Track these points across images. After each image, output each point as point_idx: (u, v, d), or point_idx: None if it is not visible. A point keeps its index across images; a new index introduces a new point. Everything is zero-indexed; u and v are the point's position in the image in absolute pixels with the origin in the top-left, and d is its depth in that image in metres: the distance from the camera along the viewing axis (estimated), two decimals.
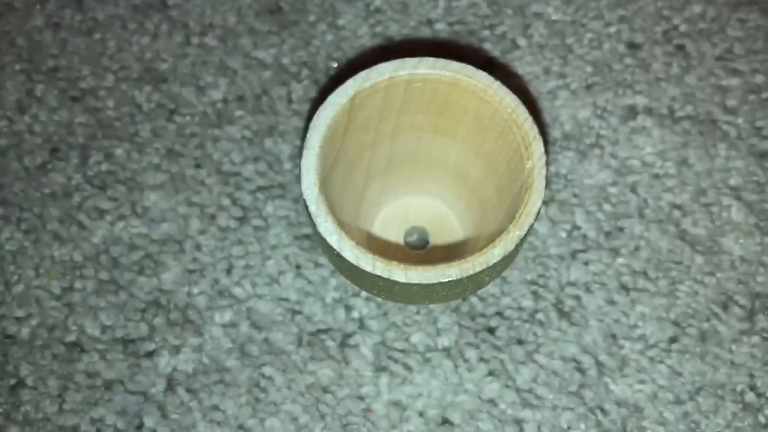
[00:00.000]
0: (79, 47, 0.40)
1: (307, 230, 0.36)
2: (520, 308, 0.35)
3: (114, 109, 0.39)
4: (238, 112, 0.39)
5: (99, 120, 0.38)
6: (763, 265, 0.36)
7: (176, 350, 0.34)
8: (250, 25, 0.41)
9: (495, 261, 0.27)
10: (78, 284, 0.35)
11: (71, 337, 0.34)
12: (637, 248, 0.37)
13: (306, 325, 0.35)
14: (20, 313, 0.35)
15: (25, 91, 0.39)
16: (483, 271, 0.27)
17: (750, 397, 0.34)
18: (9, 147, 0.38)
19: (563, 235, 0.37)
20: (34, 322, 0.34)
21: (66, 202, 0.37)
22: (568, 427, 0.33)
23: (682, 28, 0.42)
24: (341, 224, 0.28)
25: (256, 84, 0.40)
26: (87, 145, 0.38)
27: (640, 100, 0.40)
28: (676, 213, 0.37)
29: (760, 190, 0.38)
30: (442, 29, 0.41)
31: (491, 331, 0.35)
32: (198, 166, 0.38)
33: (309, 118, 0.38)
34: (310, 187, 0.28)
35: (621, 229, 0.37)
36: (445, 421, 0.33)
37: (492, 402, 0.34)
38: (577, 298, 0.36)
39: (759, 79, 0.40)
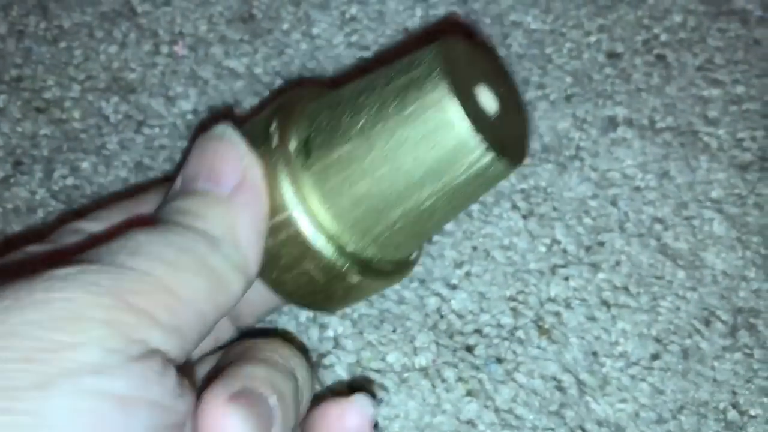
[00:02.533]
0: (44, 56, 0.39)
1: None
2: (499, 325, 0.34)
3: (80, 120, 0.37)
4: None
5: (64, 132, 0.37)
6: (745, 280, 0.36)
7: None
8: (221, 33, 0.40)
9: None
10: None
11: None
12: (617, 263, 0.36)
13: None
14: None
15: None
16: None
17: (733, 415, 0.33)
18: None
19: (543, 249, 0.36)
20: None
21: (30, 217, 0.35)
22: None
23: (663, 37, 0.41)
24: None
25: (227, 94, 0.38)
26: (52, 158, 0.37)
27: (621, 111, 0.39)
28: (658, 227, 0.37)
29: (742, 202, 0.37)
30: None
31: (469, 349, 0.34)
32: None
33: None
34: None
35: (601, 244, 0.36)
36: None
37: (471, 423, 0.33)
38: (558, 314, 0.35)
39: (740, 89, 0.40)
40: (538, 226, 0.36)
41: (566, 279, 0.35)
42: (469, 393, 0.33)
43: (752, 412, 0.33)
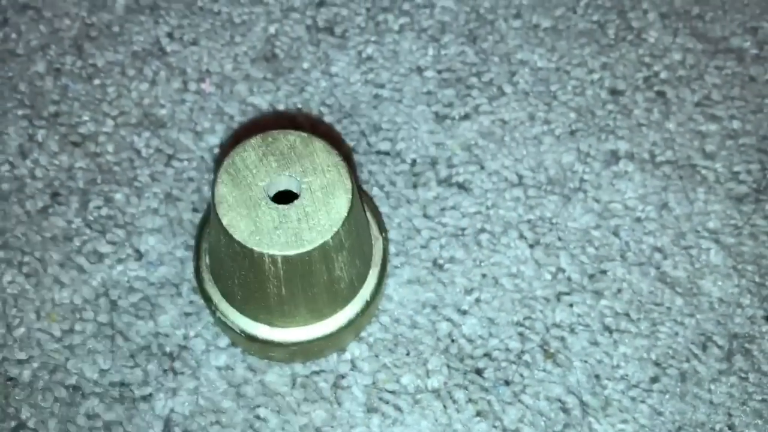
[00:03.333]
0: (79, 93, 0.41)
1: None
2: (507, 350, 0.37)
3: (113, 154, 0.40)
4: None
5: (99, 165, 0.40)
6: (740, 307, 0.38)
7: (173, 393, 0.35)
8: (246, 71, 0.42)
9: None
10: (78, 327, 0.36)
11: (71, 380, 0.35)
12: (619, 290, 0.38)
13: (299, 367, 0.36)
14: (22, 355, 0.36)
15: (27, 136, 0.40)
16: None
17: None
18: (11, 191, 0.39)
19: (548, 277, 0.38)
20: (35, 365, 0.35)
21: (66, 245, 0.38)
22: None
23: (663, 75, 0.43)
24: None
25: (252, 129, 0.41)
26: (87, 189, 0.39)
27: (622, 145, 0.41)
28: (657, 256, 0.39)
29: (738, 233, 0.39)
30: (431, 76, 0.43)
31: (479, 372, 0.36)
32: (195, 210, 0.39)
33: None
34: None
35: (604, 272, 0.38)
36: None
37: None
38: (562, 339, 0.37)
39: (736, 124, 0.42)
40: (543, 254, 0.39)
41: (570, 305, 0.38)
42: (478, 414, 0.35)
43: None
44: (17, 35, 0.43)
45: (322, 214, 0.29)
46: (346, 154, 0.39)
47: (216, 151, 0.40)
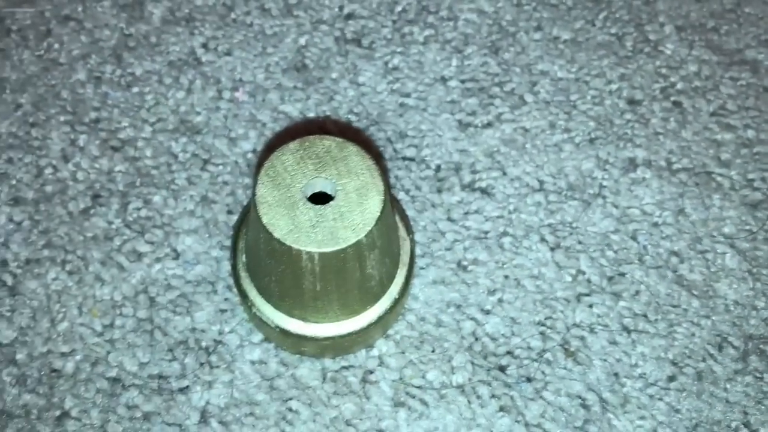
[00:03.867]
0: (119, 100, 0.43)
1: None
2: (529, 348, 0.38)
3: (152, 158, 0.42)
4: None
5: (138, 168, 0.41)
6: (755, 309, 0.39)
7: (209, 385, 0.37)
8: (277, 81, 0.44)
9: None
10: (118, 322, 0.38)
11: (112, 373, 0.37)
12: (637, 292, 0.39)
13: (329, 362, 0.37)
14: (65, 348, 0.37)
15: (69, 141, 0.42)
16: None
17: None
18: (54, 193, 0.41)
19: (569, 279, 0.40)
20: (78, 358, 0.37)
21: (107, 245, 0.40)
22: None
23: (679, 85, 0.45)
24: None
25: (283, 136, 0.43)
26: (126, 192, 0.41)
27: (640, 153, 0.43)
28: (674, 259, 0.40)
29: (753, 238, 0.41)
30: (455, 86, 0.44)
31: (502, 369, 0.37)
32: (230, 212, 0.41)
33: None
34: None
35: (622, 275, 0.40)
36: None
37: None
38: (582, 338, 0.38)
39: (750, 133, 0.43)
40: (564, 257, 0.40)
41: (590, 306, 0.39)
42: (501, 409, 0.37)
43: (762, 431, 0.36)
44: (60, 45, 0.45)
45: (356, 214, 0.31)
46: (376, 158, 0.41)
47: (249, 156, 0.42)
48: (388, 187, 0.33)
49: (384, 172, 0.41)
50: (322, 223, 0.31)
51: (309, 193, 0.32)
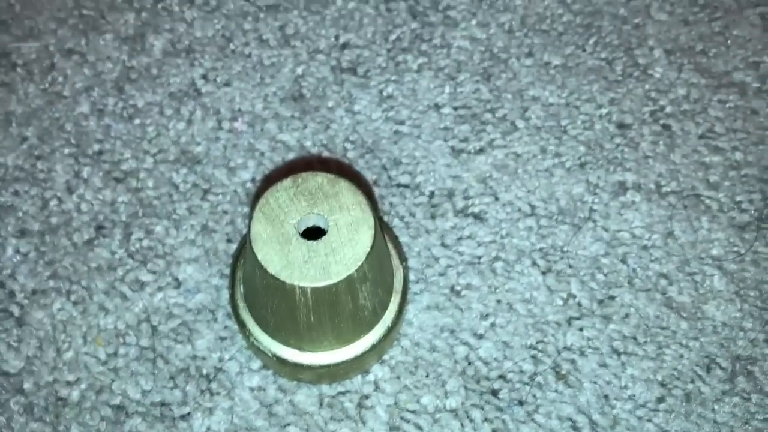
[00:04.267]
0: (121, 132, 0.45)
1: None
2: (521, 371, 0.39)
3: (153, 189, 0.43)
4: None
5: (140, 199, 0.43)
6: (742, 330, 0.40)
7: (209, 412, 0.38)
8: (275, 110, 0.45)
9: None
10: (122, 351, 0.39)
11: (116, 400, 0.38)
12: (627, 315, 0.40)
13: (326, 388, 0.38)
14: (71, 377, 0.39)
15: (73, 173, 0.43)
16: None
17: None
18: (59, 225, 0.42)
19: (560, 302, 0.41)
20: (83, 386, 0.38)
21: (110, 275, 0.41)
22: None
23: (668, 109, 0.46)
24: None
25: (281, 165, 0.44)
26: (129, 222, 0.42)
27: (630, 177, 0.44)
28: (663, 282, 0.41)
29: (740, 259, 0.42)
30: (448, 113, 0.45)
31: (494, 393, 0.38)
32: (229, 240, 0.42)
33: None
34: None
35: (612, 298, 0.41)
36: None
37: None
38: (573, 361, 0.39)
39: (738, 156, 0.44)
40: (555, 281, 0.41)
41: (581, 329, 0.40)
42: None
43: None
44: (63, 78, 0.46)
45: (348, 248, 0.32)
46: (367, 190, 0.42)
47: (248, 185, 0.43)
48: (378, 221, 0.34)
49: (375, 206, 0.42)
50: (315, 259, 0.32)
51: (302, 229, 0.33)
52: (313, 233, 0.33)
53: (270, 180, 0.43)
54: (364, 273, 0.32)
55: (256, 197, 0.42)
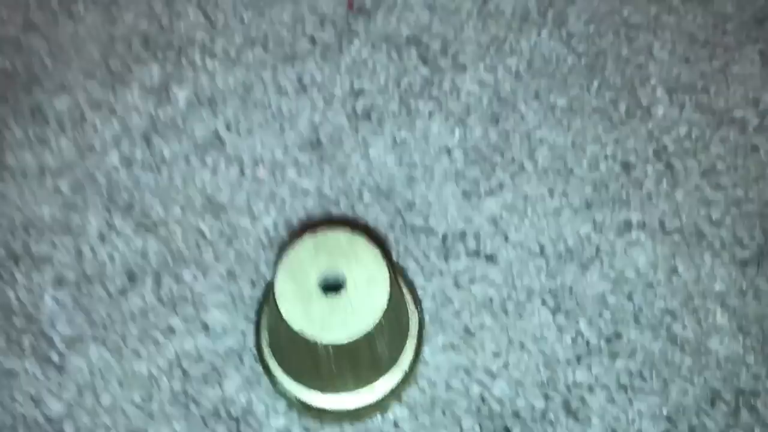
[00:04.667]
0: (150, 182, 0.47)
1: None
2: (533, 408, 0.41)
3: (181, 237, 0.45)
4: (287, 237, 0.45)
5: (169, 247, 0.45)
6: (745, 365, 0.42)
7: None
8: (294, 157, 0.48)
9: None
10: (155, 394, 0.42)
11: None
12: (633, 351, 0.42)
13: (349, 427, 0.41)
14: (108, 421, 0.41)
15: (105, 224, 0.46)
16: None
17: None
18: (93, 274, 0.45)
19: (569, 341, 0.43)
20: (121, 430, 0.41)
21: (143, 321, 0.43)
22: None
23: (671, 147, 0.47)
24: None
25: (301, 210, 0.46)
26: (159, 270, 0.45)
27: (635, 216, 0.46)
28: (667, 318, 0.43)
29: (742, 295, 0.43)
30: (458, 156, 0.47)
31: (508, 430, 0.41)
32: (254, 285, 0.44)
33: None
34: None
35: (619, 335, 0.43)
36: None
37: None
38: (582, 398, 0.41)
39: (739, 192, 0.46)
40: (564, 320, 0.43)
41: (589, 366, 0.42)
42: None
43: None
44: (94, 131, 0.49)
45: (366, 304, 0.34)
46: (381, 241, 0.44)
47: (270, 231, 0.45)
48: (393, 270, 0.36)
49: (390, 258, 0.44)
50: (335, 315, 0.34)
51: (322, 283, 0.35)
52: (333, 287, 0.35)
53: (291, 226, 0.45)
54: (382, 326, 0.34)
55: (279, 250, 0.45)
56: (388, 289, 0.35)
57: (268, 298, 0.40)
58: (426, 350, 0.42)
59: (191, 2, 0.52)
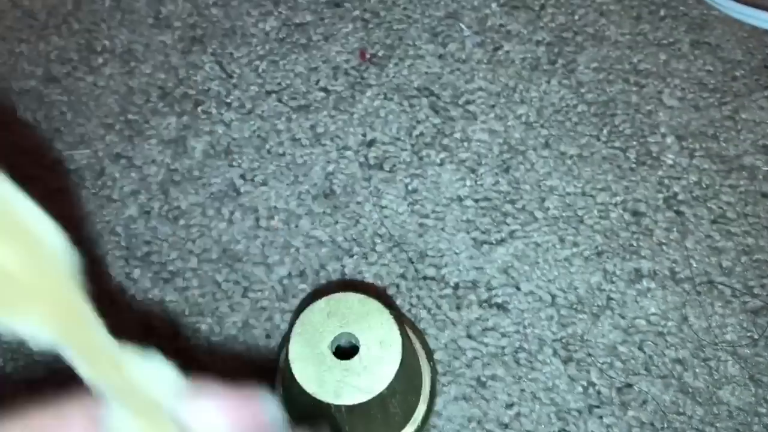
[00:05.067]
0: (167, 234, 0.48)
1: None
2: None
3: (198, 288, 0.46)
4: (301, 286, 0.46)
5: (186, 298, 0.46)
6: (757, 415, 0.42)
7: None
8: (308, 207, 0.49)
9: None
10: None
11: None
12: (644, 401, 0.42)
13: None
14: None
15: (124, 275, 0.47)
16: None
17: None
18: (111, 327, 0.46)
19: (580, 390, 0.43)
20: None
21: None
22: None
23: (681, 195, 0.48)
24: None
25: (314, 260, 0.47)
26: (177, 321, 0.46)
27: (645, 264, 0.46)
28: (678, 368, 0.43)
29: (754, 344, 0.44)
30: (469, 205, 0.48)
31: None
32: (268, 336, 0.45)
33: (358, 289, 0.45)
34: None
35: (630, 385, 0.43)
36: None
37: None
38: None
39: (750, 240, 0.46)
40: (576, 370, 0.43)
41: (601, 417, 0.42)
42: None
43: None
44: (112, 182, 0.50)
45: (378, 367, 0.35)
46: (392, 303, 0.45)
47: (285, 281, 0.46)
48: (406, 331, 0.37)
49: (401, 318, 0.44)
50: (348, 378, 0.35)
51: (335, 346, 0.36)
52: (346, 350, 0.36)
53: (304, 275, 0.46)
54: (394, 388, 0.35)
55: (296, 311, 0.45)
56: (401, 351, 0.35)
57: (283, 349, 0.41)
58: (438, 401, 0.43)
59: (207, 54, 0.53)
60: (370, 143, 0.50)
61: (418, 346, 0.41)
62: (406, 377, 0.37)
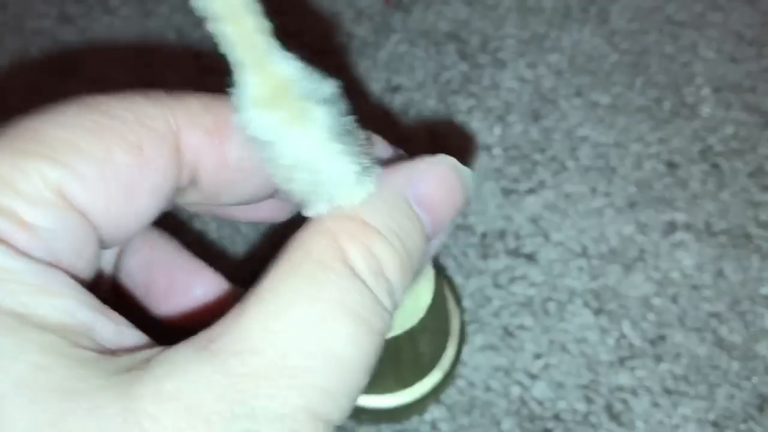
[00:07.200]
0: None
1: None
2: (574, 411, 0.40)
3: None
4: None
5: None
6: None
7: None
8: None
9: None
10: None
11: None
12: (678, 355, 0.41)
13: (386, 428, 0.40)
14: None
15: None
16: None
17: None
18: None
19: (612, 342, 0.41)
20: None
21: None
22: None
23: (717, 147, 0.46)
24: None
25: None
26: None
27: (679, 217, 0.44)
28: (713, 321, 0.42)
29: None
30: (498, 154, 0.47)
31: None
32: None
33: None
34: None
35: (663, 337, 0.41)
36: None
37: None
38: (625, 401, 0.40)
39: None
40: (607, 321, 0.42)
41: (632, 369, 0.41)
42: None
43: None
44: None
45: (409, 301, 0.33)
46: None
47: None
48: (439, 273, 0.35)
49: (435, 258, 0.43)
50: None
51: None
52: None
53: None
54: (425, 324, 0.34)
55: None
56: (433, 286, 0.34)
57: None
58: (465, 350, 0.41)
59: None
60: (395, 89, 0.49)
61: (447, 290, 0.40)
62: (437, 315, 0.35)
